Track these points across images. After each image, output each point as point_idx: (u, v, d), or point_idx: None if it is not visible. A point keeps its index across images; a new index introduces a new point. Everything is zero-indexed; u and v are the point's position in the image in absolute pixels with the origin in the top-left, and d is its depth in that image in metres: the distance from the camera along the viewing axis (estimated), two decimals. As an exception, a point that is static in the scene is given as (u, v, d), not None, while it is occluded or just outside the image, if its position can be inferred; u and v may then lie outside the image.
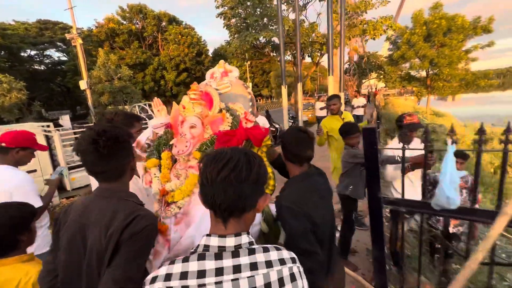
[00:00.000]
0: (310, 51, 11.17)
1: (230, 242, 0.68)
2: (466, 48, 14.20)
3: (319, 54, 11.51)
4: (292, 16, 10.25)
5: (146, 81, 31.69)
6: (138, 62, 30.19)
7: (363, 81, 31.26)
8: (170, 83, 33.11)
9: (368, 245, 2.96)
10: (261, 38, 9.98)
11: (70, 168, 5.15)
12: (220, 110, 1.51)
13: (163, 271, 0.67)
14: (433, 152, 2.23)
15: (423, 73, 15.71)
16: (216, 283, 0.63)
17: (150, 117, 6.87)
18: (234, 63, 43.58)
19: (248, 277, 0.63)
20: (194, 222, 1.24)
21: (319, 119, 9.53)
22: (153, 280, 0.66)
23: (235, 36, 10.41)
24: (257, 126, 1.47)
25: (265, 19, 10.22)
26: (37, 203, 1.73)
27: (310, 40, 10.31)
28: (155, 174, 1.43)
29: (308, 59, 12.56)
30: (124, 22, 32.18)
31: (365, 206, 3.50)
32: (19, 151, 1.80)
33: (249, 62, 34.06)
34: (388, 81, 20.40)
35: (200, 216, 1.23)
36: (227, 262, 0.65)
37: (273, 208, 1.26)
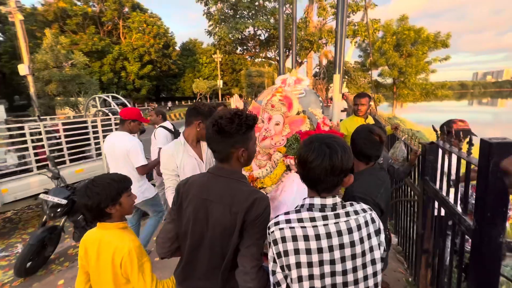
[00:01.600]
0: (298, 48, 10.62)
1: (329, 201, 0.90)
2: (427, 60, 15.43)
3: (305, 54, 11.14)
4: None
5: (103, 71, 28.46)
6: (94, 49, 26.91)
7: (330, 85, 32.54)
8: (132, 75, 30.27)
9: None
10: (250, 29, 9.24)
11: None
12: (298, 113, 1.69)
13: (282, 217, 0.89)
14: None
15: (389, 81, 16.67)
16: (324, 225, 0.86)
17: (115, 113, 5.72)
18: (204, 59, 41.93)
19: (345, 221, 0.88)
20: (283, 207, 1.45)
21: None
22: (276, 224, 0.88)
23: (222, 24, 9.35)
24: (334, 130, 1.67)
25: (254, 10, 9.41)
26: (143, 161, 2.43)
27: (303, 35, 9.74)
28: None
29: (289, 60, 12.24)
30: (79, 3, 28.43)
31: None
32: (130, 122, 2.49)
33: (219, 59, 32.84)
34: (354, 86, 21.35)
35: (290, 201, 1.47)
36: (329, 213, 0.89)
37: None
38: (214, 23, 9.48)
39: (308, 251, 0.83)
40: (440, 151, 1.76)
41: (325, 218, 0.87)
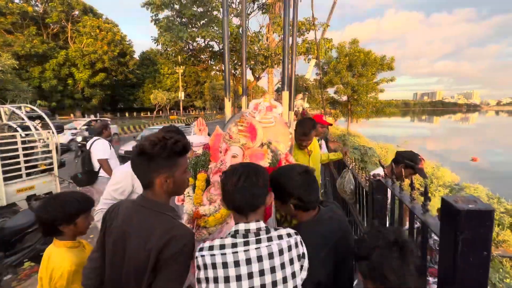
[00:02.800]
0: (253, 63, 10.56)
1: (252, 226, 0.91)
2: (376, 80, 16.82)
3: (261, 68, 11.00)
4: (235, 21, 9.46)
5: (45, 77, 25.23)
6: (34, 52, 23.78)
7: (294, 101, 33.72)
8: (81, 83, 27.42)
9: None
10: (199, 40, 8.72)
11: None
12: (262, 145, 1.59)
13: (206, 244, 0.92)
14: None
15: (345, 98, 17.70)
16: (245, 250, 0.86)
17: (26, 128, 4.67)
18: (165, 70, 40.33)
19: (266, 246, 0.87)
20: None
21: None
22: (200, 250, 0.91)
23: (167, 32, 8.65)
24: None
25: (206, 19, 8.97)
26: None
27: (256, 51, 9.58)
28: (188, 193, 1.44)
29: (248, 73, 12.01)
30: (17, 1, 25.22)
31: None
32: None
33: (181, 70, 31.79)
34: (313, 102, 22.29)
35: None
36: (252, 238, 0.89)
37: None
38: (162, 31, 8.82)
39: (227, 279, 0.84)
40: (389, 192, 1.44)
41: (246, 243, 0.88)
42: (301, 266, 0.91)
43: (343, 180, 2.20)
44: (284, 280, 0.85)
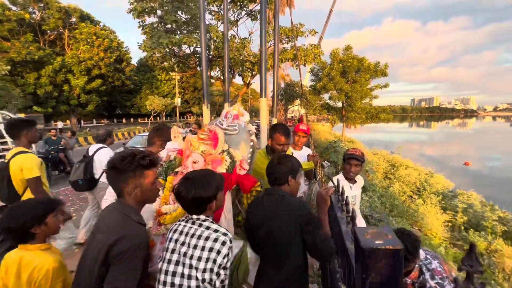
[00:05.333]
0: (241, 69, 10.43)
1: (194, 216, 1.19)
2: (370, 86, 16.82)
3: (250, 74, 10.95)
4: (222, 28, 9.45)
5: (41, 83, 25.16)
6: (30, 59, 23.77)
7: (289, 106, 33.79)
8: (77, 89, 27.34)
9: None
10: (185, 46, 8.65)
11: None
12: (223, 151, 1.74)
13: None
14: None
15: (339, 104, 17.68)
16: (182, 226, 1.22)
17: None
18: (163, 76, 40.43)
19: (195, 228, 1.17)
20: None
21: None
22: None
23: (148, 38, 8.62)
24: (249, 175, 1.74)
25: (191, 27, 8.95)
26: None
27: (241, 57, 9.63)
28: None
29: (239, 79, 11.99)
30: (14, 8, 25.32)
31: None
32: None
33: (178, 76, 31.82)
34: (310, 108, 22.30)
35: None
36: (190, 222, 1.20)
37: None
38: (147, 37, 8.77)
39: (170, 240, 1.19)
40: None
41: (185, 222, 1.21)
42: (214, 260, 1.08)
43: (311, 193, 2.07)
44: (194, 257, 1.09)
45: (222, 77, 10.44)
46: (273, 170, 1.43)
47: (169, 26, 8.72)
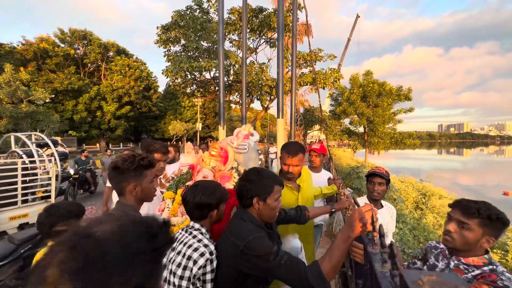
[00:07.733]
0: (259, 93, 10.69)
1: (190, 224, 1.26)
2: (393, 111, 16.26)
3: (268, 98, 11.14)
4: (241, 55, 9.86)
5: (77, 110, 27.55)
6: (70, 88, 26.40)
7: (308, 131, 33.51)
8: (108, 115, 29.50)
9: None
10: (205, 72, 9.09)
11: None
12: (232, 168, 1.79)
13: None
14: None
15: (361, 129, 17.14)
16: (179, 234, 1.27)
17: (30, 155, 4.80)
18: (186, 102, 42.71)
19: (186, 236, 1.23)
20: None
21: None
22: None
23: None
24: None
25: (212, 54, 9.51)
26: None
27: (259, 82, 9.87)
28: (168, 205, 1.67)
29: (257, 103, 12.21)
30: (62, 45, 28.88)
31: None
32: None
33: (200, 103, 33.34)
34: (330, 133, 21.86)
35: None
36: (187, 232, 1.26)
37: None
38: (171, 63, 9.39)
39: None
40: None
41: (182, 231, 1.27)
42: (192, 269, 1.10)
43: (332, 221, 1.82)
44: (175, 263, 1.14)
45: (240, 101, 10.76)
46: (237, 188, 1.24)
47: (191, 53, 9.37)
